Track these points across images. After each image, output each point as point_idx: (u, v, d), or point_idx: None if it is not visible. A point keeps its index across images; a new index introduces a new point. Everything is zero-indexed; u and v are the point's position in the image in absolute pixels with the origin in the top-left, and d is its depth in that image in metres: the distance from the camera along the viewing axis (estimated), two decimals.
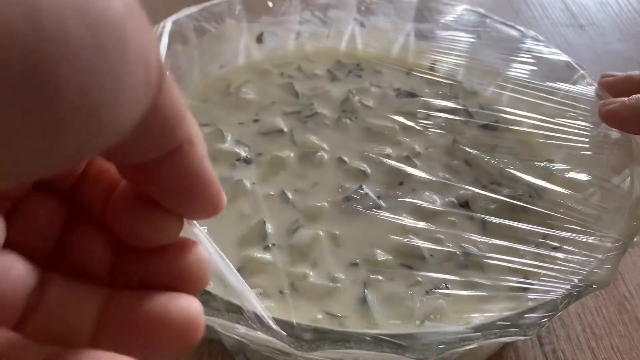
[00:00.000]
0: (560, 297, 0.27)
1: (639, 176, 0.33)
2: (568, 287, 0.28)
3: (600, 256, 0.29)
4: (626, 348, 0.39)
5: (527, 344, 0.39)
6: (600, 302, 0.42)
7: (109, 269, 0.16)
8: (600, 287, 0.28)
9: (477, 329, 0.25)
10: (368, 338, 0.24)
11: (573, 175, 0.39)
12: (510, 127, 0.44)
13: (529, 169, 0.40)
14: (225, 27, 0.46)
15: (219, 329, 0.26)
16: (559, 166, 0.41)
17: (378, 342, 0.24)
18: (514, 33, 0.46)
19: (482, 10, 0.48)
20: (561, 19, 0.67)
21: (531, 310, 0.26)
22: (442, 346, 0.24)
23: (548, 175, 0.40)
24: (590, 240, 0.32)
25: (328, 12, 0.50)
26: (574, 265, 0.30)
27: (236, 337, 0.26)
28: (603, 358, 0.38)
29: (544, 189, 0.39)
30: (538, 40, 0.45)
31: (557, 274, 0.31)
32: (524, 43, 0.46)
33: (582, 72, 0.42)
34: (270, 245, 0.34)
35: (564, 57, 0.43)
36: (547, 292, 0.29)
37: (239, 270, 0.32)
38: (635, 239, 0.31)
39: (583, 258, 0.31)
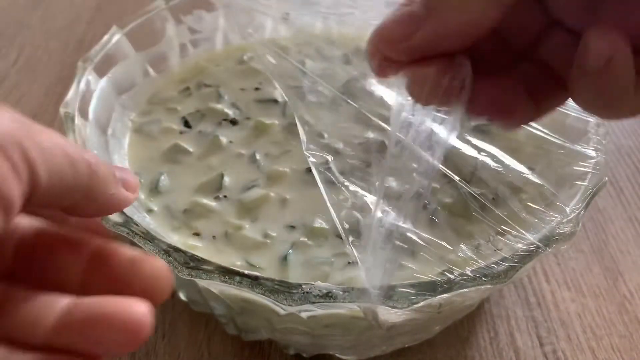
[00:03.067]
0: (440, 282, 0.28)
1: (584, 194, 0.33)
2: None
3: (507, 256, 0.29)
4: (626, 348, 0.39)
5: (527, 344, 0.39)
6: (601, 302, 0.41)
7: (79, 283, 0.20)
8: (493, 281, 0.28)
9: (343, 290, 0.27)
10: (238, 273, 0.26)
11: (545, 186, 0.39)
12: (502, 132, 0.43)
13: (505, 174, 0.40)
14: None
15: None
16: (535, 176, 0.40)
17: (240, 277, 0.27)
18: None
19: None
20: None
21: (405, 285, 0.27)
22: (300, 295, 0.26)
23: (520, 184, 0.40)
24: (515, 245, 0.32)
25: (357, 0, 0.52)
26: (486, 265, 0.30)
27: None
28: (603, 358, 0.38)
29: (509, 194, 0.39)
30: None
31: (474, 270, 0.32)
32: None
33: None
34: (221, 197, 0.37)
35: None
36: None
37: (184, 211, 0.36)
38: (563, 248, 0.31)
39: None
